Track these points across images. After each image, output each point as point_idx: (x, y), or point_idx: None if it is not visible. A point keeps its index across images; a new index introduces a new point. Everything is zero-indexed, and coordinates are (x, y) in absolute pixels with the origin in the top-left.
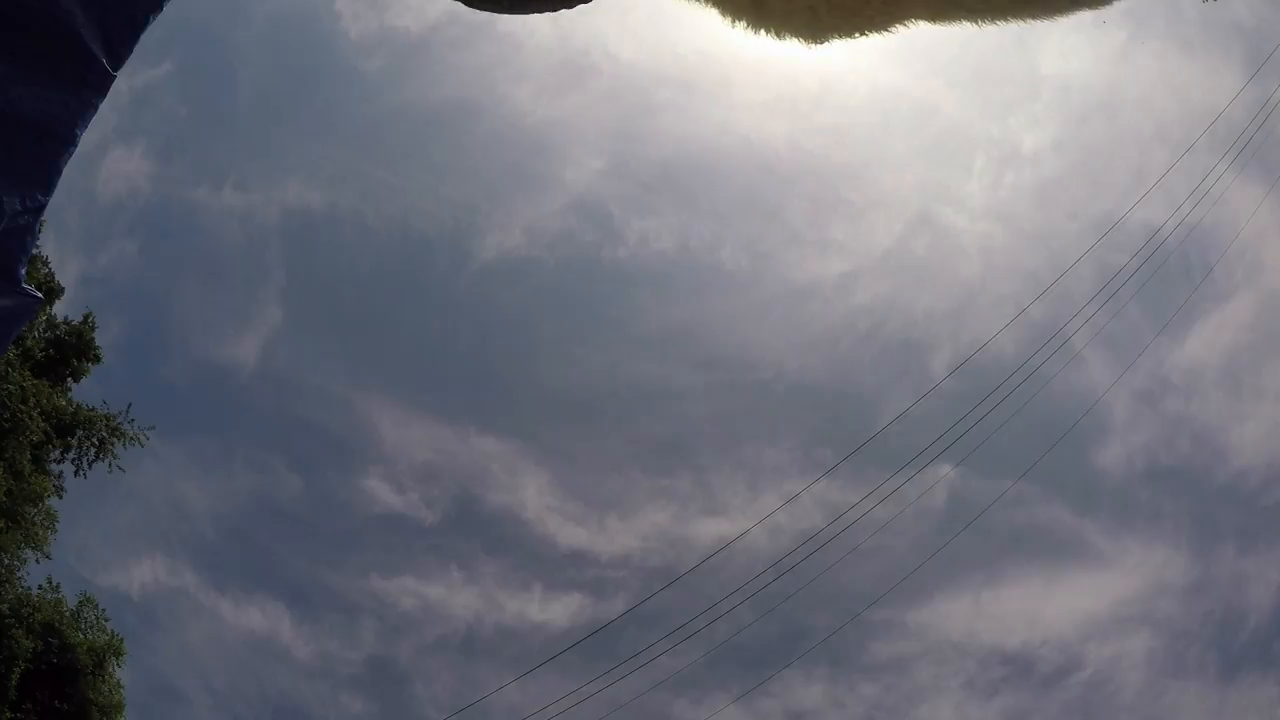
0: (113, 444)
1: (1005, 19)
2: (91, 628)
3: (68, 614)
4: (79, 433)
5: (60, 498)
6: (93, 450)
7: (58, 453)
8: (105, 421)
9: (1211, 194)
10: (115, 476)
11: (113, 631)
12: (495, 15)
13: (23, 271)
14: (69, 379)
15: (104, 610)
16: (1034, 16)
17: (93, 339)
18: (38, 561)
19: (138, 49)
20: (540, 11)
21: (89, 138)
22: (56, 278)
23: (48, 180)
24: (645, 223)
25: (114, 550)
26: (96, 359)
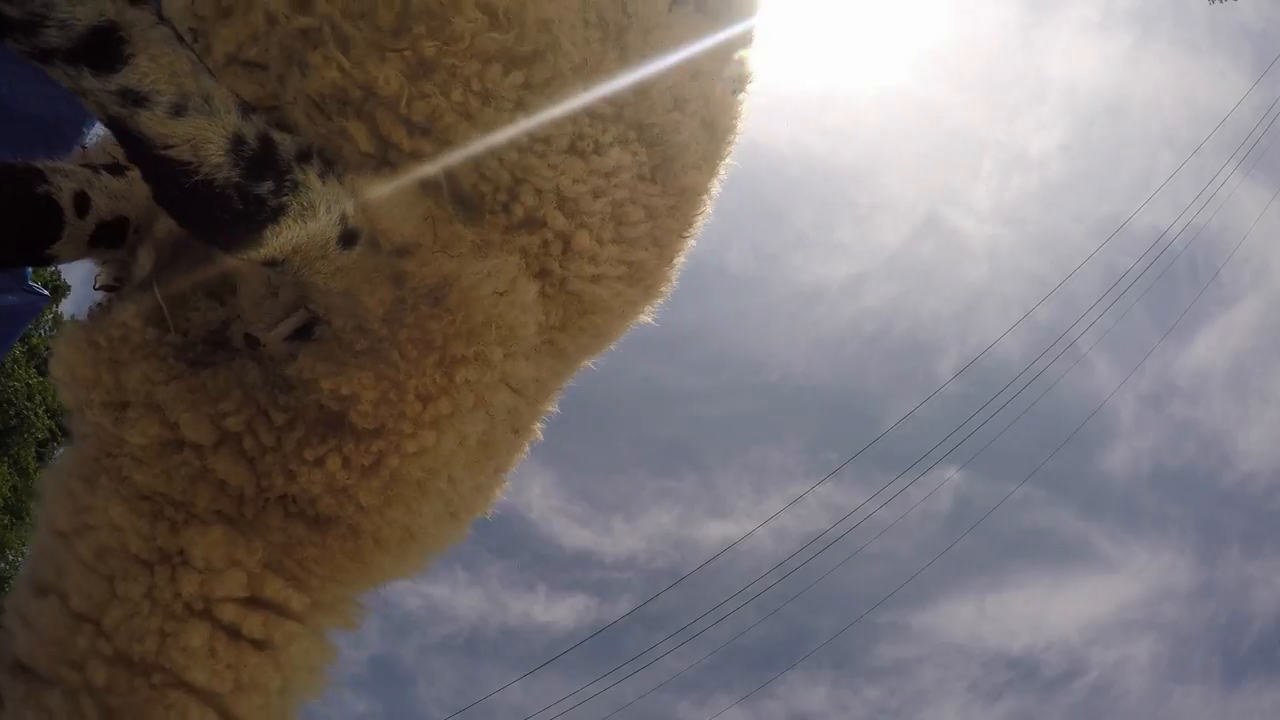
0: None
1: None
2: None
3: None
4: None
5: None
6: None
7: (63, 450)
8: None
9: (1218, 197)
10: None
11: None
12: None
13: (29, 270)
14: None
15: None
16: None
17: None
18: None
19: None
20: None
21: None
22: (63, 276)
23: None
24: None
25: None
26: None
